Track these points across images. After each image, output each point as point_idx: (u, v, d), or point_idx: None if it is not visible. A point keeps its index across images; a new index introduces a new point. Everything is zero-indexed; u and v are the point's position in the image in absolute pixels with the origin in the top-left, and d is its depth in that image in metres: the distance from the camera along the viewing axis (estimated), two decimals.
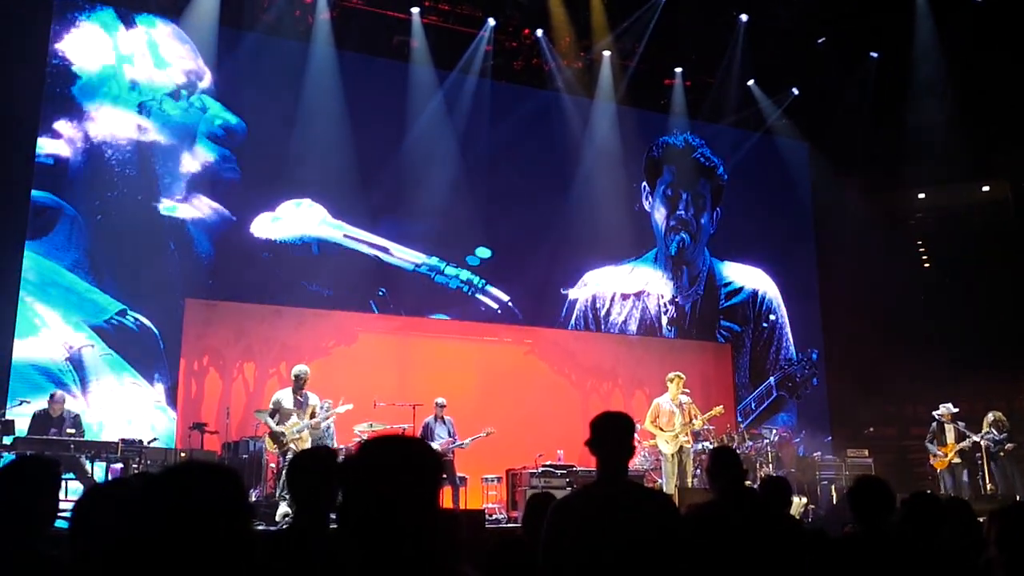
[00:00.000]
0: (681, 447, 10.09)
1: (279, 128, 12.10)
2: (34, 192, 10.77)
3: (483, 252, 13.30)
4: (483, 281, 13.27)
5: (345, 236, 12.45)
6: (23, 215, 10.64)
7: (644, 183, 15.00)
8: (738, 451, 8.70)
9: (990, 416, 11.32)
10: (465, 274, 13.15)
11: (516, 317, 13.45)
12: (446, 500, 9.75)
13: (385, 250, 12.67)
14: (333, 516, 2.88)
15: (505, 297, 13.39)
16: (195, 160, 11.77)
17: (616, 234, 14.25)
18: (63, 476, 8.03)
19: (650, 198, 15.02)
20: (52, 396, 9.20)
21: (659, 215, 15.03)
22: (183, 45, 11.89)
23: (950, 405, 11.59)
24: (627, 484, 2.99)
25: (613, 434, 2.93)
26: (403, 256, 12.78)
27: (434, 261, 12.96)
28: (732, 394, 14.70)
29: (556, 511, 2.91)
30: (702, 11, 13.68)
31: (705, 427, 10.79)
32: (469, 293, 13.19)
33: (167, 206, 11.45)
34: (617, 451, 2.93)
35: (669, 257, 14.93)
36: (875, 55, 14.71)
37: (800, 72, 14.89)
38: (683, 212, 15.17)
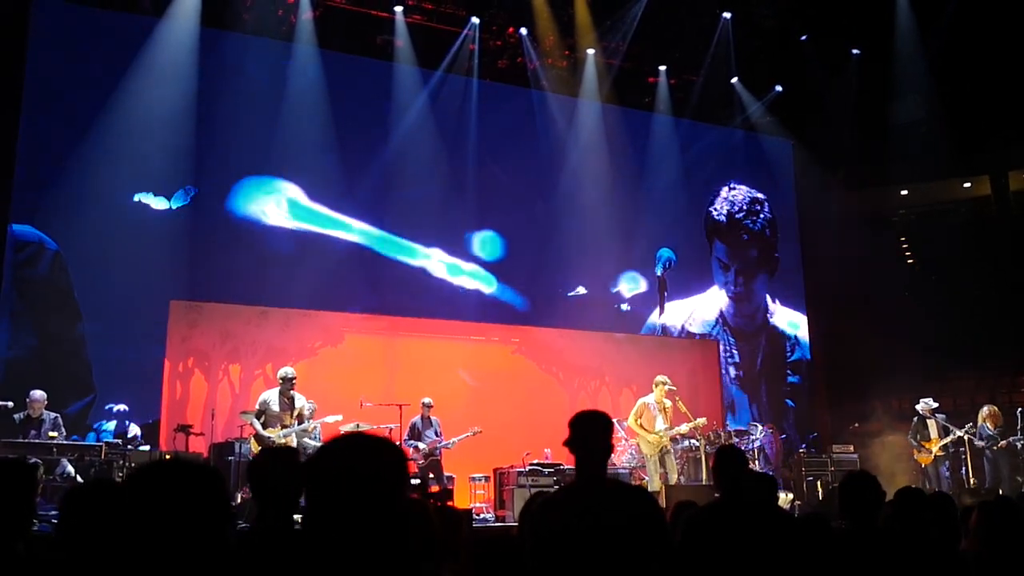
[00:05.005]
0: (663, 448, 10.05)
1: (262, 129, 12.01)
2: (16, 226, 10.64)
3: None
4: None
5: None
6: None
7: None
8: None
9: (985, 410, 11.21)
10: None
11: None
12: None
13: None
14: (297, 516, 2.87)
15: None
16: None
17: (602, 232, 14.23)
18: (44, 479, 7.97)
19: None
20: (30, 396, 8.92)
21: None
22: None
23: (930, 400, 11.61)
24: (606, 482, 2.98)
25: (591, 433, 2.93)
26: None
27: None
28: (719, 391, 14.73)
29: (538, 511, 2.91)
30: (686, 9, 13.70)
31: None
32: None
33: (150, 205, 11.35)
34: (595, 450, 2.92)
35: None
36: (857, 52, 14.78)
37: (784, 69, 14.94)
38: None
